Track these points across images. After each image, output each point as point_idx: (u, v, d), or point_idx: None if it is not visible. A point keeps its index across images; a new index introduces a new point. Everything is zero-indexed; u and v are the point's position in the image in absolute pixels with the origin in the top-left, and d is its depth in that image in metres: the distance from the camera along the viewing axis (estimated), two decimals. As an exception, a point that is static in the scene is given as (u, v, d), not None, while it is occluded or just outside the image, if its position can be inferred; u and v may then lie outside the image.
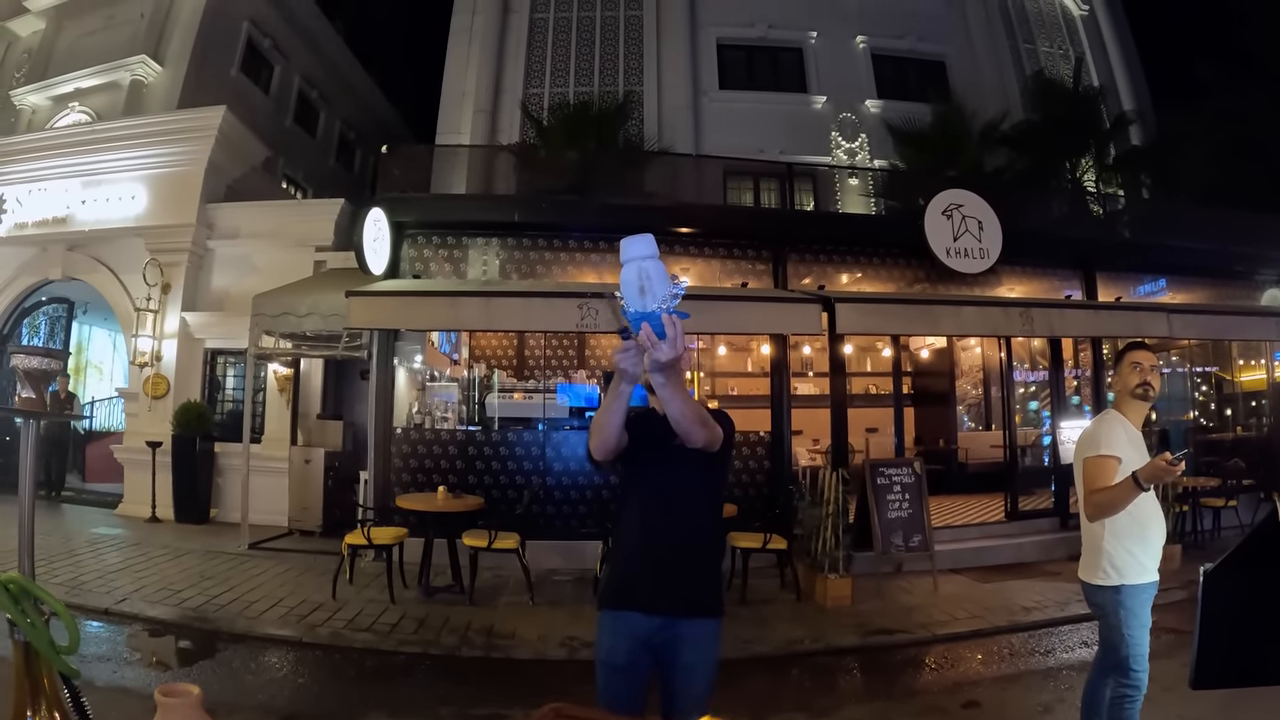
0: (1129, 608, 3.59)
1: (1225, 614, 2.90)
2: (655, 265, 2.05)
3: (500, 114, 16.18)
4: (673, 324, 2.05)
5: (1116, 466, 3.58)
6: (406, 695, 5.46)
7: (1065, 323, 10.38)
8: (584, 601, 7.64)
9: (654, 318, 2.04)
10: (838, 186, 15.16)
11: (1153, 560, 3.67)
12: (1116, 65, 19.39)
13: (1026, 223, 11.73)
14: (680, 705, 2.79)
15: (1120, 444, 3.65)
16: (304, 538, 10.30)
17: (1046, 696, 5.40)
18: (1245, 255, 13.30)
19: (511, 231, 10.36)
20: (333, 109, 20.84)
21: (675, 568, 2.80)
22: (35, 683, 1.50)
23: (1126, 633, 3.59)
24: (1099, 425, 3.81)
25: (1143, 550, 3.63)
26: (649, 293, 2.04)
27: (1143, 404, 3.80)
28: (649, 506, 2.85)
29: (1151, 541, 3.67)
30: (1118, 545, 3.64)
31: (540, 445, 9.53)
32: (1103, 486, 3.57)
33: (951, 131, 14.53)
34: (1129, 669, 3.58)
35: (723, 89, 16.86)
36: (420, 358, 10.56)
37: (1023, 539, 9.99)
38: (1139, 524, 3.63)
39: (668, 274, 2.06)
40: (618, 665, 2.82)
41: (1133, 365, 3.79)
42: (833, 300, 9.17)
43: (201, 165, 12.26)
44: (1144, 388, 3.74)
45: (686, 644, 2.80)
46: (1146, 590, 3.63)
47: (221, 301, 11.99)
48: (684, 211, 10.99)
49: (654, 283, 2.04)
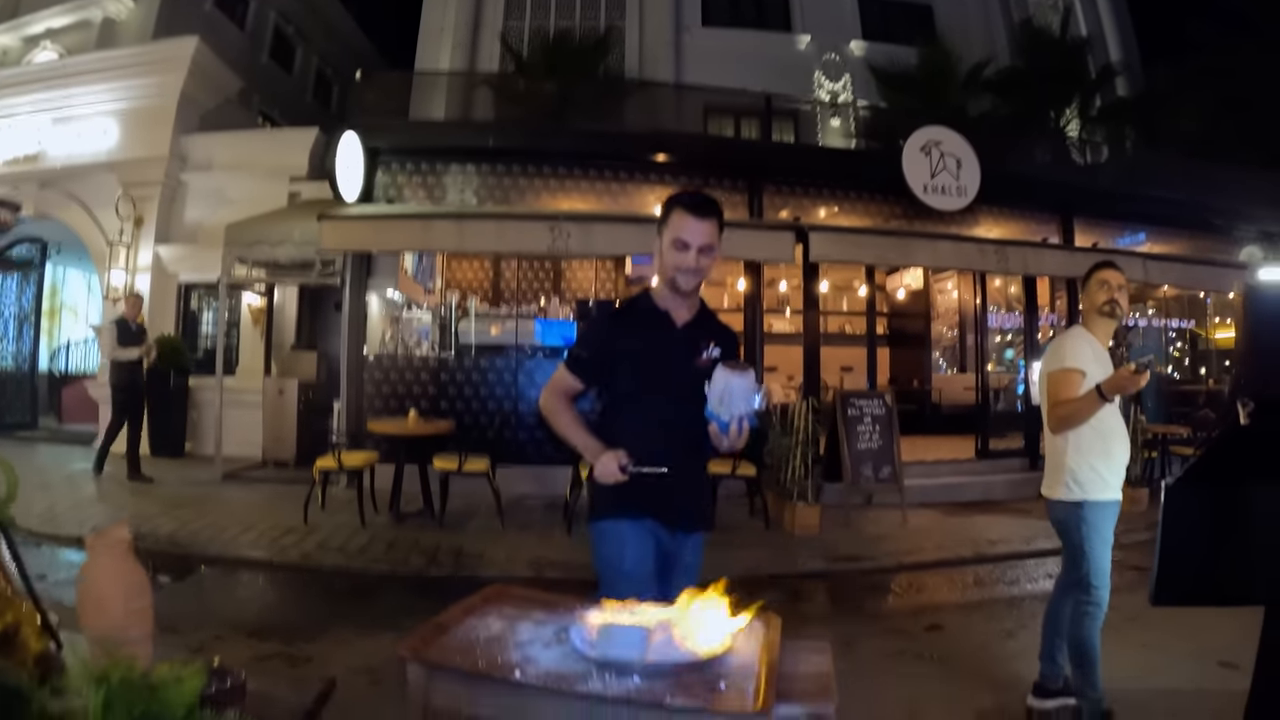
0: (1091, 523, 3.59)
1: (1186, 531, 2.95)
2: (739, 382, 2.34)
3: (479, 48, 15.88)
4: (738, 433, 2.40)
5: (1081, 380, 3.57)
6: (373, 611, 5.50)
7: (1041, 262, 10.42)
8: (553, 525, 7.70)
9: (724, 425, 2.37)
10: (819, 127, 15.02)
11: (1116, 477, 3.66)
12: (1105, 16, 19.12)
13: (1007, 166, 11.74)
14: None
15: (1085, 358, 3.64)
16: (278, 468, 10.33)
17: (1009, 623, 5.44)
18: (1225, 210, 13.35)
19: (486, 158, 10.26)
20: (310, 45, 20.38)
21: (688, 481, 2.76)
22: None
23: (1088, 548, 3.59)
24: (1065, 340, 3.80)
25: (1106, 466, 3.63)
26: (725, 405, 2.35)
27: (1110, 321, 3.77)
28: (661, 415, 2.69)
29: (1115, 457, 3.66)
30: (1081, 460, 3.63)
31: (513, 372, 9.54)
32: (1067, 398, 3.57)
33: (936, 75, 14.40)
34: (1090, 585, 3.59)
35: (706, 25, 16.49)
36: (394, 287, 10.47)
37: (992, 477, 10.09)
38: (1103, 439, 3.63)
39: (751, 392, 2.35)
40: (645, 574, 2.66)
41: (1100, 283, 3.77)
42: (806, 229, 9.18)
43: (174, 97, 12.06)
44: (1111, 305, 3.72)
45: (689, 548, 2.79)
46: (1109, 507, 3.63)
47: (195, 234, 11.80)
48: (661, 139, 10.93)
49: (734, 396, 2.33)
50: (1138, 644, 4.65)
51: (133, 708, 1.02)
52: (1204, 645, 3.23)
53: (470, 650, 1.64)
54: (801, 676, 1.52)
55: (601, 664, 1.51)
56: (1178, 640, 4.54)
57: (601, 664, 1.51)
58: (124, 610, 1.39)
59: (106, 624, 1.37)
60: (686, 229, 2.61)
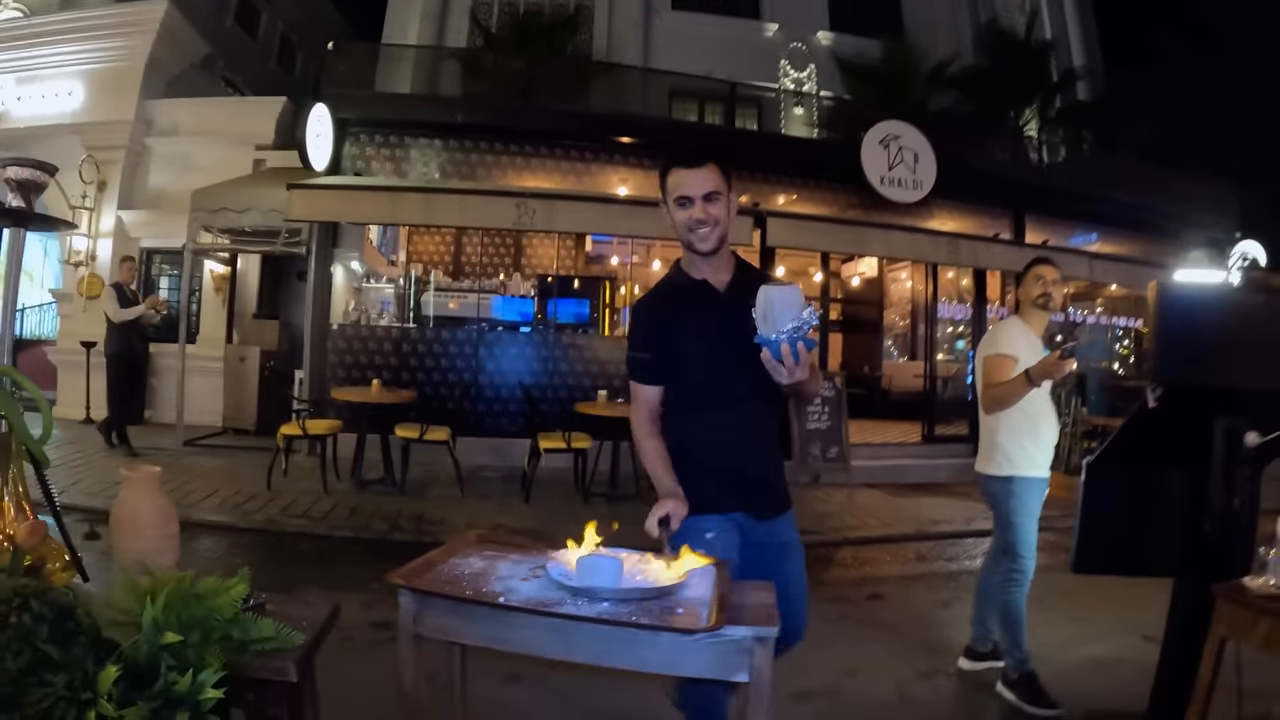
0: (1019, 497, 3.89)
1: (1104, 506, 3.26)
2: (780, 294, 2.12)
3: (449, 20, 15.86)
4: (791, 354, 2.09)
5: (1013, 365, 3.84)
6: (338, 572, 5.64)
7: (991, 256, 10.79)
8: (511, 495, 7.92)
9: (774, 345, 2.09)
10: (783, 115, 15.26)
11: (1044, 456, 3.95)
12: (1071, 21, 19.56)
13: (964, 161, 12.06)
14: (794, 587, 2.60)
15: (1018, 345, 3.92)
16: (238, 435, 10.36)
17: (946, 595, 5.71)
18: (1174, 215, 13.91)
19: (454, 133, 10.38)
20: (275, 9, 20.10)
21: (764, 461, 2.63)
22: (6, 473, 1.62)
23: (1015, 520, 3.89)
24: (1000, 328, 4.10)
25: (1034, 445, 3.92)
26: (770, 320, 2.10)
27: (1043, 313, 4.05)
28: (728, 393, 2.51)
29: (1043, 437, 3.95)
30: (1011, 439, 3.93)
31: (474, 344, 9.70)
32: (999, 381, 3.85)
33: (900, 69, 14.70)
34: (1016, 554, 3.89)
35: (675, 8, 16.65)
36: (358, 258, 10.55)
37: (937, 460, 10.44)
38: (1032, 420, 3.92)
39: (798, 306, 2.10)
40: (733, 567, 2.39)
41: (1036, 277, 4.05)
42: (765, 215, 9.45)
43: (141, 60, 11.94)
44: (1044, 298, 4.00)
45: (783, 528, 2.64)
46: (1036, 484, 3.92)
47: (158, 200, 11.73)
48: (626, 122, 11.15)
49: (775, 310, 2.10)
50: (1067, 617, 4.96)
51: (184, 612, 1.20)
52: (1129, 620, 3.50)
53: (457, 582, 1.85)
54: (748, 607, 1.75)
55: (577, 591, 1.73)
56: (1105, 615, 4.83)
57: (577, 591, 1.73)
58: (157, 535, 1.58)
59: (142, 547, 1.55)
60: (683, 183, 2.45)
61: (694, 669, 1.72)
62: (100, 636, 1.16)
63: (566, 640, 1.71)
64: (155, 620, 1.13)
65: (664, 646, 1.67)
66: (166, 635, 1.12)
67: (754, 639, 1.62)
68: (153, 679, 1.09)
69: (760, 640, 1.63)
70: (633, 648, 1.69)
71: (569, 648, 1.72)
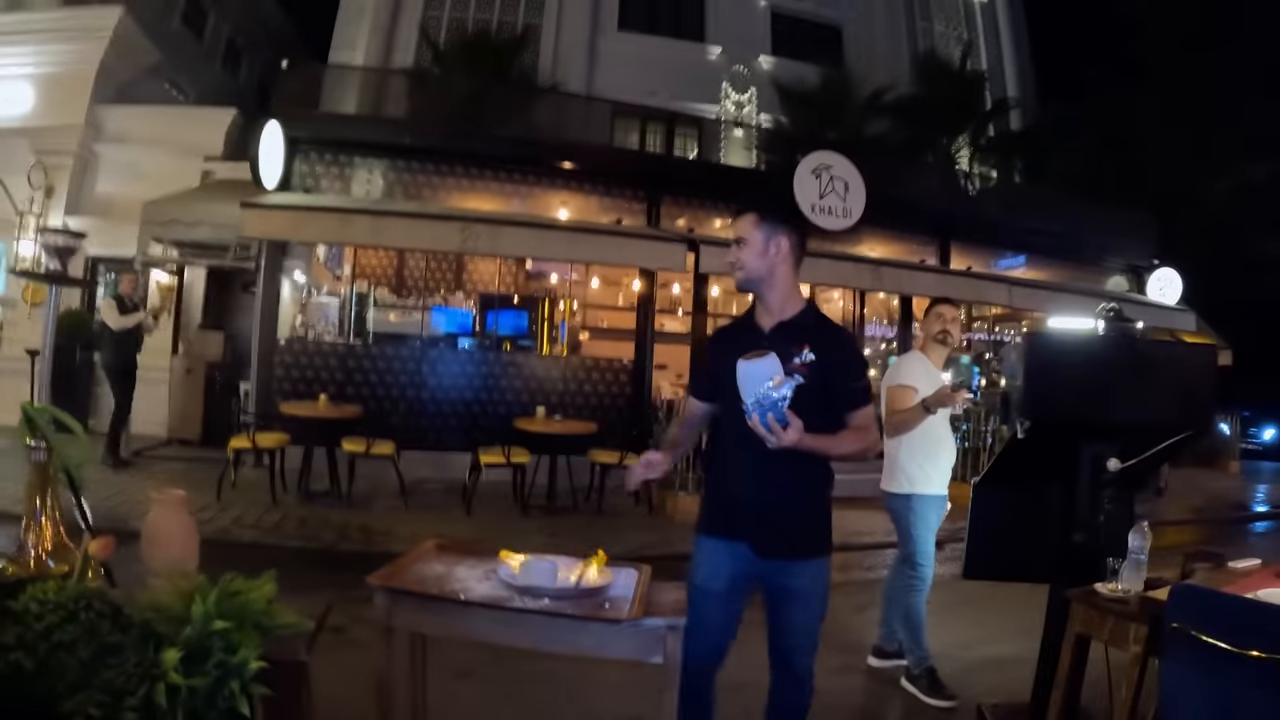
0: (918, 513, 4.38)
1: (988, 520, 3.77)
2: (746, 367, 2.32)
3: (398, 34, 16.13)
4: (761, 424, 2.29)
5: (913, 394, 4.33)
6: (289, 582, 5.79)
7: (915, 282, 11.32)
8: (453, 506, 8.20)
9: (748, 410, 2.29)
10: (722, 137, 15.69)
11: (940, 477, 4.47)
12: (1007, 53, 20.40)
13: (895, 189, 12.55)
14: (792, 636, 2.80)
15: (918, 376, 4.42)
16: (184, 446, 10.35)
17: (862, 600, 6.05)
18: (1096, 243, 14.70)
19: (402, 154, 10.65)
20: (223, 12, 19.96)
21: (783, 502, 2.66)
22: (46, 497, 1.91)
23: (915, 533, 4.39)
24: (902, 361, 4.65)
25: (932, 467, 4.42)
26: (745, 391, 2.30)
27: (942, 347, 4.57)
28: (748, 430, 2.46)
29: (940, 460, 4.47)
30: (911, 460, 4.42)
31: (417, 360, 9.95)
32: (900, 409, 4.34)
33: (837, 97, 15.21)
34: (915, 563, 4.39)
35: (621, 29, 17.06)
36: (300, 271, 10.73)
37: (860, 476, 10.75)
38: (931, 444, 4.42)
39: (763, 380, 2.27)
40: (715, 591, 2.69)
41: (936, 315, 4.60)
42: (699, 242, 9.88)
43: (93, 66, 11.86)
44: (943, 334, 4.53)
45: (796, 575, 2.70)
46: (933, 501, 4.42)
47: (106, 208, 11.61)
48: (568, 149, 11.46)
49: (741, 382, 2.32)
50: (969, 621, 5.48)
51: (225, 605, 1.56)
52: (1027, 624, 3.83)
53: (423, 582, 2.24)
54: (664, 602, 2.18)
55: (522, 589, 2.13)
56: (1004, 620, 5.21)
57: (522, 589, 2.13)
58: (183, 548, 1.94)
59: (170, 557, 1.91)
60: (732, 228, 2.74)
61: (619, 652, 2.15)
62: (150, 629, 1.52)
63: (515, 629, 2.15)
64: (207, 612, 1.50)
65: (595, 633, 2.11)
66: (215, 623, 1.48)
67: (666, 628, 2.04)
68: (206, 658, 1.46)
69: (672, 629, 2.04)
70: (569, 634, 2.13)
71: (517, 635, 2.17)
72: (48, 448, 1.91)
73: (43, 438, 1.91)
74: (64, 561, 1.87)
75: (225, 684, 1.45)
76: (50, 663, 1.43)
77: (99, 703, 1.40)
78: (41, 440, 1.91)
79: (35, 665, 1.43)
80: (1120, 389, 3.39)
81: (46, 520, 1.90)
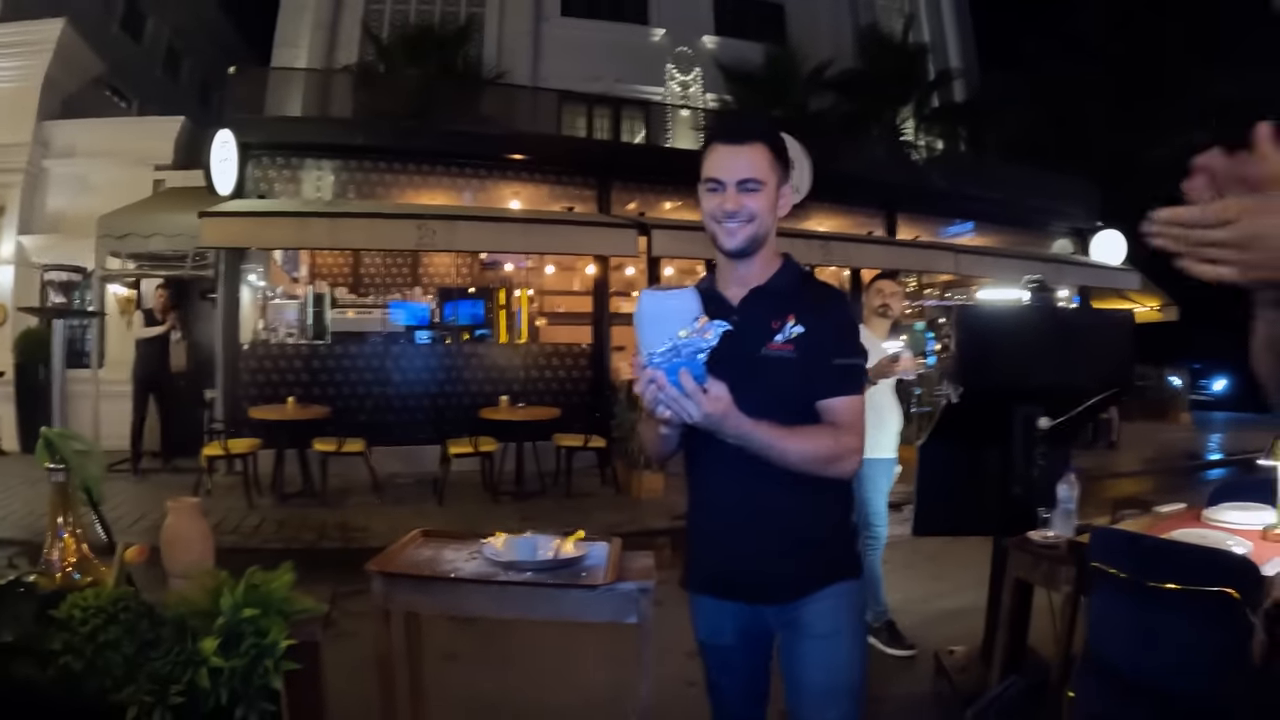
0: (868, 476, 4.63)
1: (933, 479, 4.05)
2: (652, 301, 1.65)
3: (340, 30, 16.13)
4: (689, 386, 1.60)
5: (853, 365, 4.62)
6: (279, 582, 6.07)
7: (863, 255, 11.60)
8: (425, 499, 8.36)
9: (667, 368, 1.59)
10: (669, 119, 15.90)
11: (888, 441, 4.75)
12: (949, 25, 20.82)
13: (840, 163, 12.83)
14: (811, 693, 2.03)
15: (859, 349, 4.70)
16: (152, 458, 10.13)
17: None
18: (1040, 209, 15.12)
19: (354, 154, 10.70)
20: (162, 15, 19.64)
21: (770, 531, 1.96)
22: (67, 515, 2.10)
23: (866, 496, 4.65)
24: (844, 334, 4.91)
25: (880, 431, 4.67)
26: (647, 337, 1.62)
27: (883, 320, 4.87)
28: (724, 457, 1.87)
29: (887, 424, 4.75)
30: (858, 427, 4.72)
31: (380, 357, 10.05)
32: (842, 380, 4.62)
33: (781, 74, 15.49)
34: (869, 524, 4.67)
35: (565, 15, 17.24)
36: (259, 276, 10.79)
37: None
38: (876, 411, 4.65)
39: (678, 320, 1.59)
40: (723, 645, 2.12)
41: (877, 290, 4.90)
42: (649, 226, 10.08)
43: (38, 81, 11.73)
44: (883, 308, 4.84)
45: (810, 616, 1.99)
46: (881, 464, 4.69)
47: (58, 224, 11.50)
48: (517, 140, 11.59)
49: (644, 325, 1.63)
50: (930, 576, 5.88)
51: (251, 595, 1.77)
52: (983, 577, 4.17)
53: (415, 566, 2.47)
54: (634, 569, 2.42)
55: (506, 565, 2.36)
56: (963, 573, 5.49)
57: (506, 565, 2.36)
58: (200, 551, 2.14)
59: (189, 560, 2.11)
60: (719, 163, 1.89)
61: (598, 615, 2.36)
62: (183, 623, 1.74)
63: (503, 602, 2.39)
64: (236, 602, 1.72)
65: (575, 600, 2.35)
66: (245, 611, 1.71)
67: (638, 590, 2.29)
68: (240, 642, 1.69)
69: (643, 591, 2.29)
70: (552, 602, 2.36)
71: (505, 607, 2.41)
72: (66, 469, 2.10)
73: (61, 460, 2.10)
74: (89, 573, 2.06)
75: (260, 663, 1.68)
76: (98, 662, 1.66)
77: (148, 691, 1.62)
78: (60, 462, 2.10)
79: (84, 666, 1.65)
80: (1045, 354, 3.69)
81: (70, 536, 2.09)
